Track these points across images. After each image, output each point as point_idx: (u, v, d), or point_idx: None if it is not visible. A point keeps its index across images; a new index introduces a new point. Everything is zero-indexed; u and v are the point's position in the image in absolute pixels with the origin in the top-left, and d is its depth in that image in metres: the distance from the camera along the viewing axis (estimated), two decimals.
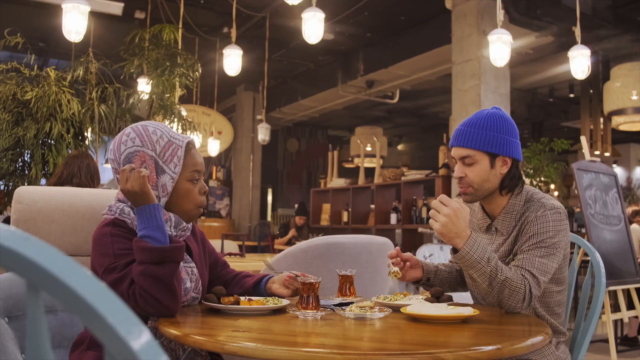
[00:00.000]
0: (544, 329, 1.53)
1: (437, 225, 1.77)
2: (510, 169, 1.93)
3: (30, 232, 2.26)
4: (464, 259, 1.76)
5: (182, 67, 4.54)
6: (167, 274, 1.56)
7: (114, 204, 1.75)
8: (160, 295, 1.54)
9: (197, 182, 1.79)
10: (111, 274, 1.60)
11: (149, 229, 1.63)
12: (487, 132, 1.90)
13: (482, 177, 1.90)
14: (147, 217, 1.63)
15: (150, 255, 1.56)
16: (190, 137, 1.83)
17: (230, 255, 4.37)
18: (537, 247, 1.81)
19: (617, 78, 7.61)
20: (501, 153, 1.90)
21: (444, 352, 1.22)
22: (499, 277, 1.74)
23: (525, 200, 1.93)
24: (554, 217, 1.85)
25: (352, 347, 1.27)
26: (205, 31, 8.60)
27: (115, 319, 0.54)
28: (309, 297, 1.67)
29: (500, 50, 5.08)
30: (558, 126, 13.15)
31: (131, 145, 1.73)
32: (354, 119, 13.90)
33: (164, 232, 1.64)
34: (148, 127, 1.77)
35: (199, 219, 12.79)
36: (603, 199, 5.08)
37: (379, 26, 8.90)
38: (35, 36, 8.95)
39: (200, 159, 1.81)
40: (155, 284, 1.54)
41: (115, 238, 1.66)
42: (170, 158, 1.73)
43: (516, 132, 1.97)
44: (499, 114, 1.96)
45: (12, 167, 3.70)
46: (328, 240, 3.02)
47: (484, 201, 2.00)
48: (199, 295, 1.82)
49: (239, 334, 1.42)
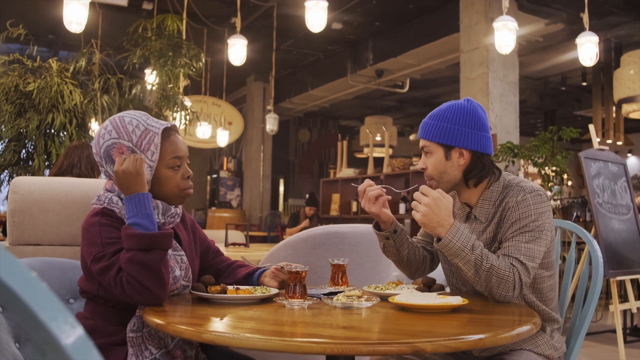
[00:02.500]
0: (532, 319, 1.50)
1: (418, 215, 1.77)
2: (472, 160, 1.90)
3: (27, 222, 2.28)
4: (446, 248, 1.75)
5: (185, 57, 4.53)
6: (155, 261, 1.56)
7: (103, 194, 1.76)
8: (147, 283, 1.55)
9: (179, 168, 1.78)
10: (99, 263, 1.61)
11: (138, 216, 1.63)
12: (442, 123, 1.89)
13: (438, 168, 1.90)
14: (136, 205, 1.64)
15: (138, 242, 1.56)
16: (169, 123, 1.82)
17: (234, 245, 4.38)
18: (521, 233, 1.79)
19: (627, 65, 7.49)
20: (456, 145, 1.88)
21: (423, 341, 1.21)
22: (484, 265, 1.72)
23: (504, 187, 1.91)
24: (534, 199, 1.82)
25: (330, 336, 1.25)
26: (213, 22, 8.58)
27: (47, 314, 0.52)
28: (296, 286, 1.66)
29: (506, 38, 5.02)
30: (571, 115, 13.01)
31: (108, 138, 1.74)
32: (365, 109, 13.85)
33: (153, 221, 1.64)
34: (125, 117, 1.77)
35: (210, 209, 12.86)
36: (611, 188, 5.02)
37: (387, 15, 8.83)
38: (44, 28, 8.99)
39: (182, 144, 1.80)
40: (142, 270, 1.54)
41: (104, 227, 1.66)
42: (147, 147, 1.72)
43: (480, 123, 1.91)
44: (464, 105, 1.92)
45: (15, 158, 3.72)
46: (328, 230, 3.00)
47: (457, 193, 2.00)
48: (189, 283, 1.82)
49: (219, 322, 1.41)
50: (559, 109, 12.73)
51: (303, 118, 15.36)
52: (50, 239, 2.30)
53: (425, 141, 1.92)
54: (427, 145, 1.91)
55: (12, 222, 2.26)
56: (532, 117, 13.82)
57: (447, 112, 1.91)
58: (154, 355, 1.65)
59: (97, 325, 1.70)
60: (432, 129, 1.90)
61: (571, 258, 2.24)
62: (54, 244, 2.30)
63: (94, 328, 1.69)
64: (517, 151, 6.16)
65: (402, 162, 7.92)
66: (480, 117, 1.92)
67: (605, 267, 4.60)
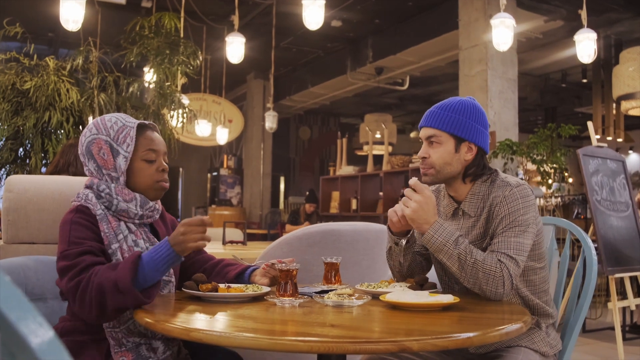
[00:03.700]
0: (522, 317, 1.50)
1: (408, 210, 1.79)
2: (476, 157, 1.92)
3: (21, 220, 2.29)
4: (429, 243, 1.78)
5: (183, 55, 4.53)
6: (116, 305, 1.53)
7: (82, 191, 1.80)
8: (96, 309, 1.53)
9: (155, 162, 1.83)
10: (63, 261, 1.62)
11: (160, 272, 1.59)
12: (456, 115, 1.90)
13: (445, 159, 1.90)
14: (163, 259, 1.59)
15: (130, 275, 1.52)
16: (147, 122, 1.90)
17: (231, 243, 4.37)
18: (510, 228, 1.80)
19: (626, 62, 7.46)
20: (467, 138, 1.89)
21: (410, 340, 1.20)
22: (468, 260, 1.73)
23: (491, 181, 1.93)
24: (521, 193, 1.84)
25: (317, 334, 1.25)
26: (213, 19, 8.58)
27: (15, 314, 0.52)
28: (287, 284, 1.66)
29: (504, 35, 5.01)
30: (572, 112, 12.99)
31: (89, 134, 1.82)
32: (366, 106, 13.84)
33: (158, 280, 1.62)
34: (105, 117, 1.86)
35: (210, 207, 12.86)
36: (610, 185, 5.01)
37: (386, 12, 8.82)
38: (44, 26, 8.99)
39: (158, 140, 1.87)
40: (103, 300, 1.52)
41: (74, 226, 1.68)
42: (123, 139, 1.79)
43: (486, 123, 1.95)
44: (472, 102, 1.95)
45: (12, 156, 3.73)
46: (324, 228, 2.99)
47: (449, 187, 1.99)
48: (170, 278, 1.83)
49: (208, 321, 1.41)
50: (559, 106, 12.71)
51: (304, 116, 15.35)
52: (45, 238, 2.31)
53: (436, 130, 1.90)
54: (438, 135, 1.89)
55: (7, 221, 2.27)
56: (532, 114, 13.80)
57: (459, 106, 1.91)
58: (136, 342, 1.66)
59: (77, 325, 1.72)
60: (446, 119, 1.89)
61: (565, 255, 2.24)
62: (48, 243, 2.30)
63: (74, 328, 1.72)
64: (515, 148, 6.15)
65: (401, 159, 7.92)
66: (485, 116, 1.96)
67: (604, 264, 4.59)
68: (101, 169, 1.79)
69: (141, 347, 1.67)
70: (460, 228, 1.94)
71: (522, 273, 1.89)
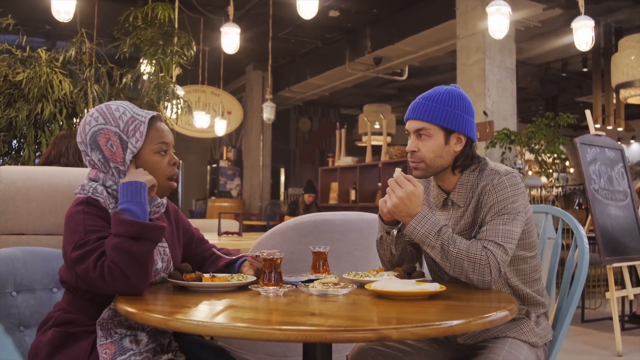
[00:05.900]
0: (508, 305, 1.48)
1: (389, 203, 1.79)
2: (465, 147, 1.89)
3: (10, 211, 2.27)
4: (412, 234, 1.77)
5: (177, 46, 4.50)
6: (142, 252, 1.54)
7: (87, 183, 1.73)
8: (130, 272, 1.52)
9: (166, 154, 1.79)
10: (80, 249, 1.57)
11: (131, 203, 1.61)
12: (444, 106, 1.86)
13: (435, 152, 1.87)
14: (132, 192, 1.62)
15: (128, 229, 1.54)
16: (155, 112, 1.83)
17: (227, 234, 4.36)
18: (499, 216, 1.78)
19: (625, 50, 7.41)
20: (457, 129, 1.86)
21: (389, 328, 1.19)
22: (452, 250, 1.71)
23: (479, 170, 1.90)
24: (510, 181, 1.82)
25: (296, 323, 1.24)
26: (210, 10, 8.54)
27: None
28: (271, 273, 1.65)
29: (500, 22, 4.97)
30: (572, 101, 12.94)
31: (95, 124, 1.73)
32: (365, 97, 13.80)
33: (145, 210, 1.63)
34: (111, 105, 1.78)
35: (210, 199, 12.86)
36: (608, 174, 4.98)
37: (384, 2, 8.78)
38: (41, 19, 8.95)
39: (167, 132, 1.82)
40: (127, 259, 1.51)
41: (88, 216, 1.64)
42: (133, 132, 1.73)
43: (472, 110, 1.92)
44: (457, 91, 1.92)
45: (5, 148, 3.71)
46: (316, 218, 2.97)
47: (437, 178, 1.97)
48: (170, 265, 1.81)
49: (187, 310, 1.40)
50: (560, 95, 12.67)
51: (303, 107, 15.32)
52: (34, 228, 2.29)
53: (425, 123, 1.86)
54: (427, 128, 1.86)
55: None
56: (533, 104, 13.75)
57: (446, 96, 1.87)
58: (123, 333, 1.64)
59: (73, 317, 1.69)
60: (434, 111, 1.85)
61: (557, 243, 2.22)
62: (37, 233, 2.29)
63: (70, 320, 1.68)
64: (513, 137, 6.12)
65: (399, 149, 7.90)
66: (471, 105, 1.93)
67: (602, 254, 4.58)
68: (108, 161, 1.73)
69: (125, 339, 1.65)
70: (450, 218, 1.92)
71: (512, 262, 1.87)
